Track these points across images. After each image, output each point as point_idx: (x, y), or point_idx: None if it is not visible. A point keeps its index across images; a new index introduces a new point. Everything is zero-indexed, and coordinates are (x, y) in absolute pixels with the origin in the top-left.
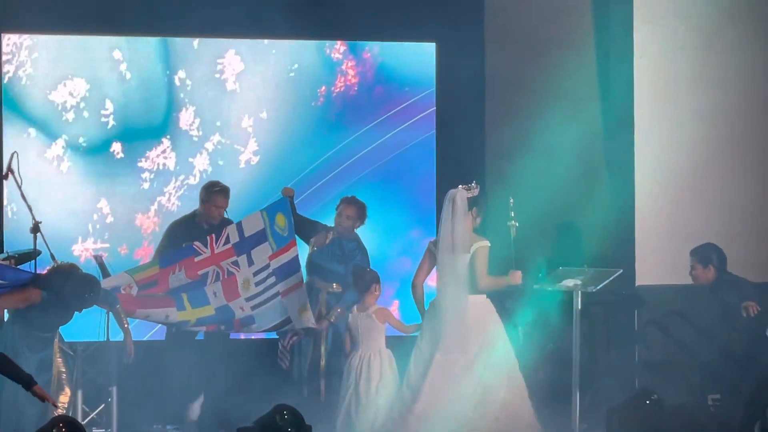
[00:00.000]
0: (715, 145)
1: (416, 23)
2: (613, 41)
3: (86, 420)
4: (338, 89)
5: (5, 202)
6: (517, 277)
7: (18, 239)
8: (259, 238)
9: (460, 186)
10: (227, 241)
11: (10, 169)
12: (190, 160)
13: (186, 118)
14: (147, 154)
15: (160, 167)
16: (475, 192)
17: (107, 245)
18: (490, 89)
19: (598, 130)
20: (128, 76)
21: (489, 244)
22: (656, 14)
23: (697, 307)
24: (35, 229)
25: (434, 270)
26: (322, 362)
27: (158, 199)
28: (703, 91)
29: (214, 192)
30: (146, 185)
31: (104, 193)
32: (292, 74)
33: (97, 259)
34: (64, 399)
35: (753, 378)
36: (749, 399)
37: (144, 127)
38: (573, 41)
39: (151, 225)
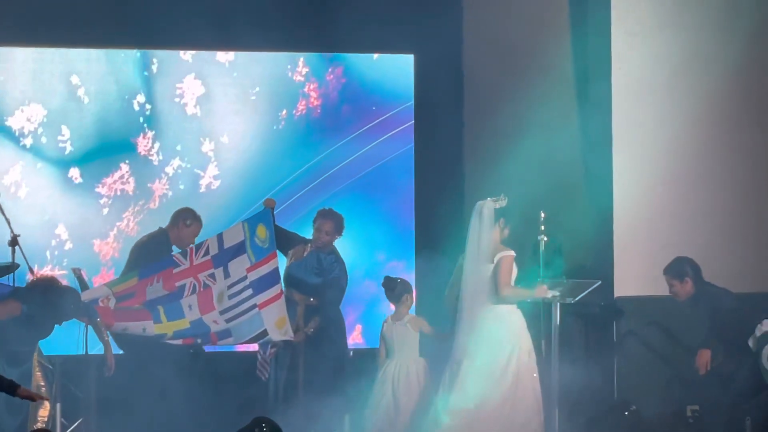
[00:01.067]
0: (693, 156)
1: (395, 35)
2: (591, 52)
3: None
4: (299, 112)
5: None
6: (543, 290)
7: None
8: (238, 249)
9: (488, 198)
10: (206, 252)
11: None
12: (149, 185)
13: (144, 143)
14: (104, 180)
15: (118, 192)
16: (503, 203)
17: (65, 272)
18: (469, 101)
19: (577, 141)
20: (86, 100)
21: (514, 254)
22: (635, 25)
23: (677, 318)
24: (13, 242)
25: None
26: (300, 376)
27: (117, 224)
28: (681, 103)
29: (188, 226)
30: (105, 210)
31: (62, 219)
32: (253, 98)
33: (76, 272)
34: (43, 413)
35: (733, 390)
36: (729, 410)
37: (102, 153)
38: (551, 52)
39: (110, 251)
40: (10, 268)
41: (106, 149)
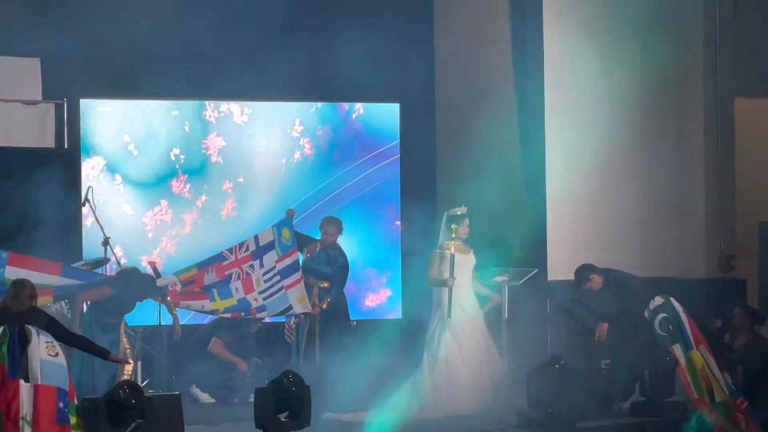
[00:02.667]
0: (612, 172)
1: (383, 87)
2: (528, 91)
3: (144, 383)
4: (296, 159)
5: (83, 223)
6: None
7: (92, 250)
8: (269, 246)
9: (452, 208)
10: (247, 249)
11: (87, 199)
12: (182, 216)
13: (178, 185)
14: (148, 213)
15: (158, 222)
16: (463, 211)
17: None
18: (440, 136)
19: (519, 166)
20: (135, 153)
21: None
22: (565, 46)
23: (594, 296)
24: (105, 242)
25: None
26: (317, 338)
27: (158, 245)
28: (606, 113)
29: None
30: (150, 235)
31: (118, 242)
32: (261, 149)
33: (152, 264)
34: (128, 369)
35: (635, 349)
36: (632, 364)
37: (147, 193)
38: (499, 92)
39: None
40: (103, 261)
41: (150, 190)
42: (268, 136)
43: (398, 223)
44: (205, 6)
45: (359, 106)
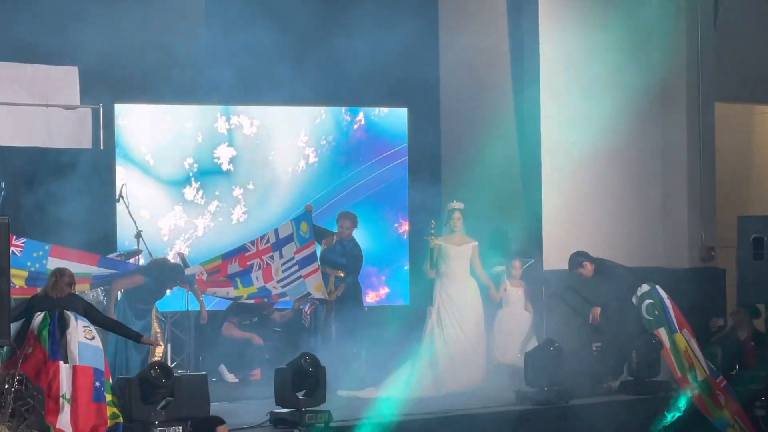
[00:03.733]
0: (602, 170)
1: (392, 93)
2: (525, 97)
3: (173, 364)
4: (301, 168)
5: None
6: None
7: (125, 242)
8: (288, 239)
9: (452, 202)
10: (267, 241)
11: (121, 195)
12: (194, 221)
13: (191, 192)
14: (164, 218)
15: (173, 226)
16: (461, 206)
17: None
18: (445, 143)
19: (517, 166)
20: (152, 162)
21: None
22: (560, 55)
23: (586, 284)
24: (138, 235)
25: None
26: (333, 324)
27: (174, 247)
28: (596, 117)
29: None
30: (165, 238)
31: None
32: (270, 158)
33: (181, 255)
34: (159, 350)
35: (624, 332)
36: (621, 346)
37: (162, 200)
38: (498, 101)
39: None
40: (135, 253)
41: (165, 197)
42: (275, 146)
43: (403, 221)
44: (224, 17)
45: (361, 117)
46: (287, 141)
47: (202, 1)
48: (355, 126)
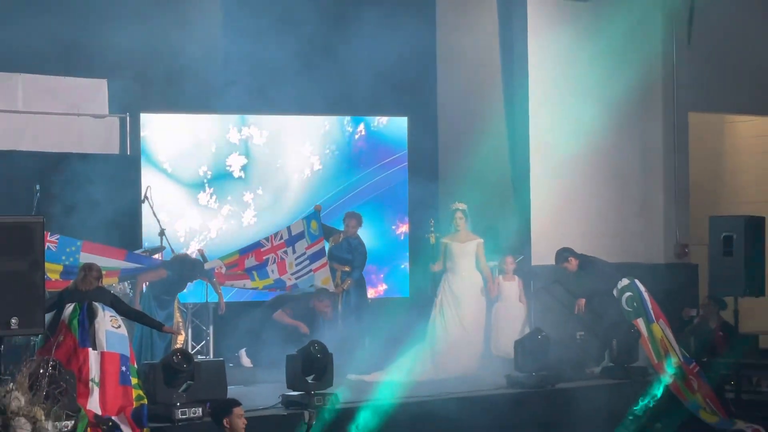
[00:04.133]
0: (586, 173)
1: (394, 102)
2: (516, 110)
3: (193, 350)
4: (306, 175)
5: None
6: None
7: (150, 239)
8: (300, 235)
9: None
10: (281, 238)
11: (146, 197)
12: (208, 224)
13: (205, 197)
14: (179, 222)
15: (189, 229)
16: (463, 207)
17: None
18: (442, 149)
19: (507, 170)
20: (170, 170)
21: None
22: (546, 67)
23: (571, 278)
24: (161, 233)
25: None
26: (339, 315)
27: (188, 248)
28: (581, 125)
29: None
30: (181, 239)
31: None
32: (277, 165)
33: (200, 251)
34: (180, 338)
35: (605, 322)
36: (602, 335)
37: (177, 205)
38: (489, 109)
39: None
40: (159, 249)
41: (180, 202)
42: (283, 154)
43: (401, 224)
44: (237, 33)
45: (361, 128)
46: (294, 149)
47: (220, 21)
48: (357, 136)
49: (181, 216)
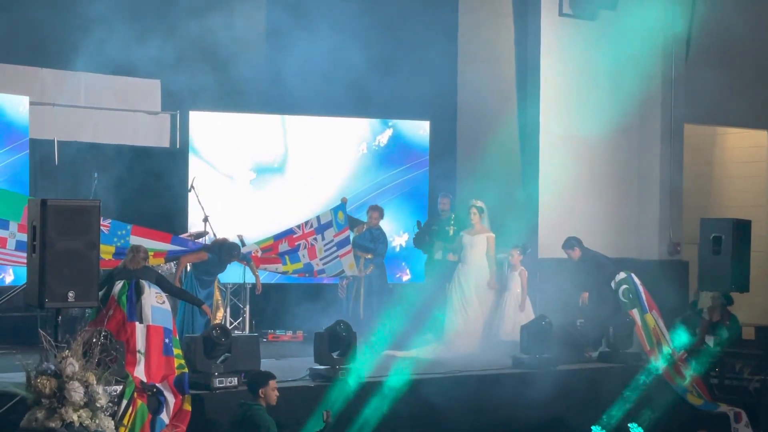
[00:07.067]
0: (588, 173)
1: (416, 107)
2: (528, 112)
3: (231, 326)
4: (340, 170)
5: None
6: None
7: (194, 224)
8: (328, 224)
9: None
10: (311, 226)
11: (192, 186)
12: (247, 211)
13: (244, 187)
14: (220, 209)
15: (229, 217)
16: (480, 204)
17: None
18: (461, 152)
19: (518, 170)
20: (214, 163)
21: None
22: (557, 79)
23: (574, 270)
24: (205, 219)
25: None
26: (362, 297)
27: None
28: (585, 131)
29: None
30: (224, 225)
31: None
32: (311, 161)
33: (240, 237)
34: (219, 315)
35: (603, 311)
36: (600, 323)
37: (221, 193)
38: (503, 115)
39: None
40: (203, 233)
41: (222, 192)
42: (319, 152)
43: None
44: (279, 40)
45: (384, 132)
46: (327, 148)
47: (263, 30)
48: (384, 138)
49: (223, 204)
